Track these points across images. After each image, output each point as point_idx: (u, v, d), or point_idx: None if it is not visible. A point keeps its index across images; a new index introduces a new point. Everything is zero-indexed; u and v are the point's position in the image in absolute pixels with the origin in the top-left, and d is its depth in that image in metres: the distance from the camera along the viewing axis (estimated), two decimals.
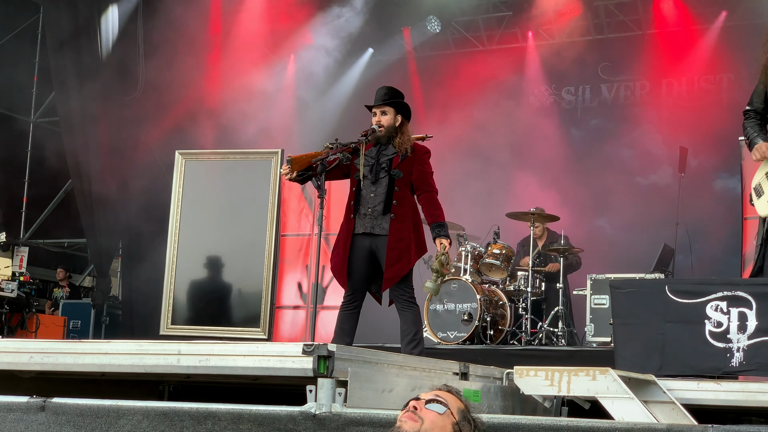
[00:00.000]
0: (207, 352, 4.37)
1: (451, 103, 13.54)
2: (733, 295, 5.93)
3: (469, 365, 5.08)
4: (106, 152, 13.02)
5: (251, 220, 11.11)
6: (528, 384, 5.07)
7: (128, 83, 13.14)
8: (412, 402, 3.25)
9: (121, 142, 13.23)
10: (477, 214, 12.33)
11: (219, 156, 11.76)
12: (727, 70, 12.80)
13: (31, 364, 4.77)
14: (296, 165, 6.46)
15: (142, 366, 4.49)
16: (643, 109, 13.26)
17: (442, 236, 6.55)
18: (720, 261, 11.05)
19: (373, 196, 6.57)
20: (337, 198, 7.51)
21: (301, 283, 11.12)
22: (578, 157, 13.14)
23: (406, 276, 6.52)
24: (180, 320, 11.21)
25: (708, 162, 11.90)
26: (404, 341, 6.51)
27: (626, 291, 6.45)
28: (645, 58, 13.24)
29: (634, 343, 6.23)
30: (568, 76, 13.76)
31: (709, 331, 5.93)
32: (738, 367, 5.83)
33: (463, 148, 13.51)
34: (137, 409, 4.29)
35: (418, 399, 3.27)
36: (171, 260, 11.25)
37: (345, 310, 6.65)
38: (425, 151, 6.74)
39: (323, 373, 3.96)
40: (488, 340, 9.88)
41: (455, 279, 10.04)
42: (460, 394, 3.35)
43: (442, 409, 3.25)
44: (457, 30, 14.16)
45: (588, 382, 4.89)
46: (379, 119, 6.64)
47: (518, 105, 13.73)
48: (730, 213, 10.42)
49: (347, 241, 6.58)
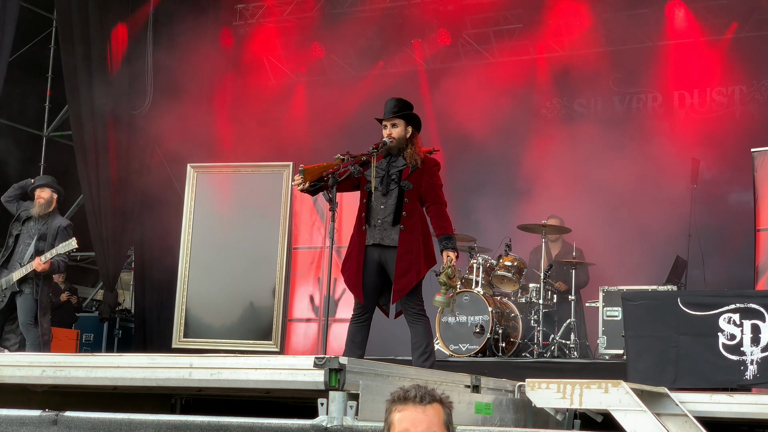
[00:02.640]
0: (219, 365, 4.37)
1: (461, 116, 13.52)
2: (746, 307, 5.92)
3: (480, 378, 5.08)
4: (115, 165, 13.04)
5: (263, 233, 11.13)
6: (540, 397, 5.06)
7: (137, 97, 13.18)
8: None
9: (131, 156, 13.25)
10: (489, 226, 12.31)
11: (230, 169, 11.79)
12: (739, 82, 12.76)
13: (43, 378, 4.79)
14: (309, 175, 6.48)
15: (154, 379, 4.50)
16: (655, 121, 13.23)
17: (449, 249, 6.55)
18: (733, 273, 11.00)
19: (383, 207, 6.58)
20: (349, 210, 7.51)
21: (313, 296, 11.11)
22: (590, 169, 13.10)
23: (415, 288, 6.51)
24: (192, 334, 11.22)
25: (721, 174, 11.86)
26: (415, 354, 6.50)
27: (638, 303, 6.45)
28: (657, 70, 13.21)
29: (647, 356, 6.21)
30: (579, 89, 13.74)
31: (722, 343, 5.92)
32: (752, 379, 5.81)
33: (474, 160, 13.50)
34: (149, 423, 4.30)
35: None
36: (183, 273, 11.27)
37: (356, 323, 6.64)
38: (435, 163, 6.75)
39: (335, 386, 3.96)
40: (500, 352, 9.86)
41: (467, 291, 10.03)
42: (444, 401, 3.26)
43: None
44: (468, 42, 14.16)
45: (600, 395, 4.88)
46: (390, 132, 6.66)
47: (530, 117, 13.71)
48: (743, 225, 10.37)
49: (360, 254, 6.58)
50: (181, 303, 11.22)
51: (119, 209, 13.12)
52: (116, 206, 13.08)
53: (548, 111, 13.93)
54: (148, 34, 13.35)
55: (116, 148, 13.09)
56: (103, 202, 12.99)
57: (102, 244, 13.08)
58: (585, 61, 13.45)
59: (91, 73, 12.96)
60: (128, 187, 13.20)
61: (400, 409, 3.11)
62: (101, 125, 12.93)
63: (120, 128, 13.10)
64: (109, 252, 13.11)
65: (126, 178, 13.17)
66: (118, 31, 13.21)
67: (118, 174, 13.09)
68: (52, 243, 9.14)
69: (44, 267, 9.02)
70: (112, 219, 13.03)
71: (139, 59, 13.30)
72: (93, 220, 13.04)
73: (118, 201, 13.09)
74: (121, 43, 13.24)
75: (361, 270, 6.54)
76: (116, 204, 13.08)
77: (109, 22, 13.15)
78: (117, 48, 13.19)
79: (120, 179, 13.12)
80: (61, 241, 9.12)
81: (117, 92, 13.03)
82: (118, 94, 13.04)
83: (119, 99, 13.06)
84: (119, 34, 13.23)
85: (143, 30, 13.36)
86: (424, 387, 3.18)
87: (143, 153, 13.43)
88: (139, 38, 13.36)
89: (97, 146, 12.91)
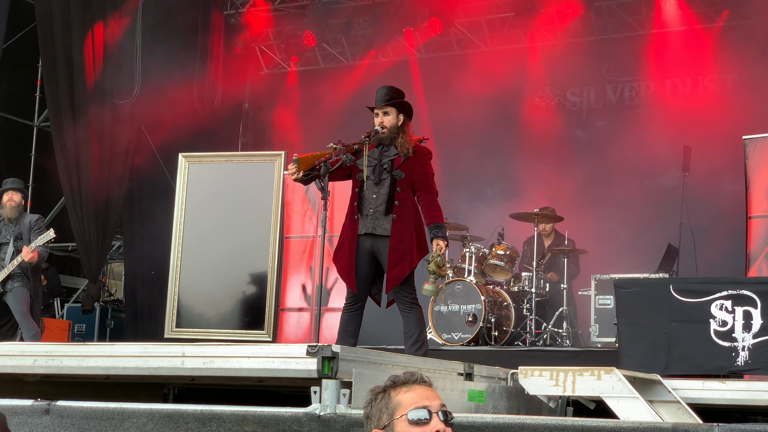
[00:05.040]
0: (211, 353, 4.37)
1: (454, 105, 13.52)
2: (738, 293, 5.93)
3: (473, 366, 5.08)
4: (97, 155, 12.95)
5: (255, 222, 11.11)
6: (533, 384, 5.07)
7: (124, 86, 13.11)
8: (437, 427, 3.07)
9: (115, 146, 13.16)
10: (481, 215, 12.32)
11: (222, 159, 11.77)
12: (731, 70, 12.77)
13: (35, 367, 4.78)
14: (302, 165, 6.47)
15: (147, 368, 4.49)
16: (648, 109, 13.23)
17: (439, 237, 6.55)
18: (725, 261, 11.02)
19: (375, 197, 6.57)
20: (341, 200, 7.50)
21: (305, 285, 11.11)
22: (583, 158, 13.11)
23: (408, 277, 6.51)
24: (184, 323, 11.20)
25: (713, 162, 11.86)
26: (408, 342, 6.51)
27: (631, 290, 6.45)
28: (649, 59, 13.20)
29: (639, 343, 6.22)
30: (572, 77, 13.73)
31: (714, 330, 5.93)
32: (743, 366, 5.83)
33: (466, 149, 13.50)
34: (142, 412, 4.29)
35: (431, 414, 3.10)
36: (175, 263, 11.24)
37: (348, 312, 6.64)
38: (427, 152, 6.74)
39: (327, 374, 3.96)
40: (493, 341, 9.87)
41: (459, 280, 10.03)
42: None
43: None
44: (460, 31, 14.14)
45: (593, 382, 4.89)
46: (381, 120, 6.65)
47: (522, 106, 13.71)
48: (734, 212, 10.38)
49: (353, 243, 6.57)
50: (173, 293, 11.20)
51: (101, 200, 13.01)
52: (98, 197, 12.96)
53: (540, 100, 13.92)
54: (137, 23, 13.28)
55: (98, 138, 12.98)
56: (84, 193, 12.88)
57: (83, 235, 13.00)
58: (577, 49, 13.44)
59: (72, 67, 12.86)
60: (111, 177, 13.10)
61: (407, 390, 3.10)
62: (83, 115, 12.82)
63: (103, 118, 13.00)
64: (91, 243, 13.04)
65: (109, 169, 13.07)
66: (102, 24, 13.10)
67: (99, 164, 12.98)
68: (29, 238, 9.33)
69: (33, 255, 9.14)
70: (94, 210, 12.94)
71: (126, 50, 13.22)
72: (73, 211, 12.95)
73: (99, 191, 12.97)
74: (105, 35, 13.14)
75: (354, 259, 6.54)
76: (98, 195, 12.96)
77: (93, 13, 13.04)
78: (100, 40, 13.09)
79: (102, 169, 13.00)
80: (36, 233, 9.33)
81: (100, 84, 12.94)
82: (102, 86, 12.96)
83: (102, 91, 12.97)
84: (104, 26, 13.13)
85: (132, 20, 13.27)
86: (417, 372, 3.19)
87: (129, 143, 13.35)
88: (127, 30, 13.27)
89: (77, 136, 12.80)
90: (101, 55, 13.07)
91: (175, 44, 13.18)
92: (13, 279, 9.26)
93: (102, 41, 13.11)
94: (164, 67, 12.94)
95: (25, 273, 9.29)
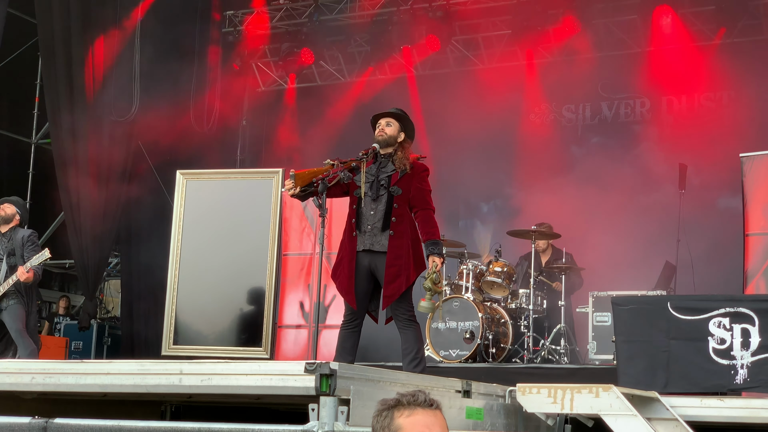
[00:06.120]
0: (209, 371, 4.36)
1: (451, 122, 13.55)
2: (736, 311, 5.93)
3: (471, 383, 5.07)
4: (95, 172, 12.95)
5: (253, 239, 11.10)
6: (531, 401, 5.06)
7: (123, 104, 13.13)
8: None
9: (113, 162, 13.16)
10: (478, 232, 12.33)
11: (220, 176, 11.77)
12: (727, 87, 12.81)
13: (33, 385, 4.77)
14: (300, 181, 6.49)
15: (144, 386, 4.48)
16: (643, 126, 13.27)
17: (435, 254, 6.55)
18: (722, 278, 11.01)
19: (372, 213, 6.58)
20: (339, 217, 7.50)
21: (303, 303, 11.09)
22: (579, 174, 13.13)
23: (405, 294, 6.51)
24: (182, 341, 11.18)
25: (709, 179, 11.89)
26: (406, 360, 6.50)
27: (628, 307, 6.45)
28: (645, 76, 13.24)
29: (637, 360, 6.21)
30: (568, 94, 13.77)
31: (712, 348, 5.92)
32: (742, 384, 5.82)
33: (463, 166, 13.52)
34: (139, 430, 4.28)
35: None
36: (172, 280, 11.23)
37: (346, 329, 6.63)
38: (424, 168, 6.75)
39: (326, 391, 3.95)
40: (490, 358, 9.86)
41: (457, 297, 10.03)
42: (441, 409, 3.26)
43: None
44: (457, 48, 14.19)
45: (591, 400, 4.88)
46: (383, 128, 6.69)
47: (519, 123, 13.74)
48: (731, 230, 10.39)
49: (352, 260, 6.57)
50: (170, 310, 11.18)
51: (99, 217, 12.99)
52: (96, 214, 12.95)
53: (537, 117, 13.96)
54: (136, 41, 13.31)
55: (97, 155, 12.97)
56: (83, 210, 12.87)
57: (81, 252, 12.98)
58: (573, 67, 13.48)
59: (72, 84, 12.87)
60: (109, 194, 13.09)
61: (409, 413, 3.06)
62: (82, 133, 12.82)
63: (102, 136, 13.01)
64: (89, 260, 13.01)
65: (107, 185, 13.06)
66: (102, 42, 13.12)
67: (98, 181, 12.97)
68: (22, 254, 9.20)
69: (28, 276, 9.03)
70: (92, 227, 12.92)
71: (125, 67, 13.24)
72: (72, 228, 12.93)
73: (97, 208, 12.96)
74: (105, 53, 13.16)
75: (353, 275, 6.54)
76: (96, 212, 12.95)
77: (92, 32, 13.06)
78: (100, 58, 13.10)
79: (100, 186, 12.99)
80: (30, 249, 9.21)
81: (99, 101, 12.95)
82: (101, 103, 12.97)
83: (101, 108, 12.98)
84: (103, 44, 13.15)
85: (130, 38, 13.30)
86: (427, 392, 3.16)
87: (127, 160, 13.35)
88: (126, 47, 13.30)
89: (77, 153, 12.80)
90: (101, 73, 13.08)
91: (173, 62, 13.21)
92: (8, 297, 9.15)
93: (102, 59, 13.13)
94: (162, 84, 12.96)
95: (20, 290, 9.21)
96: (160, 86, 12.99)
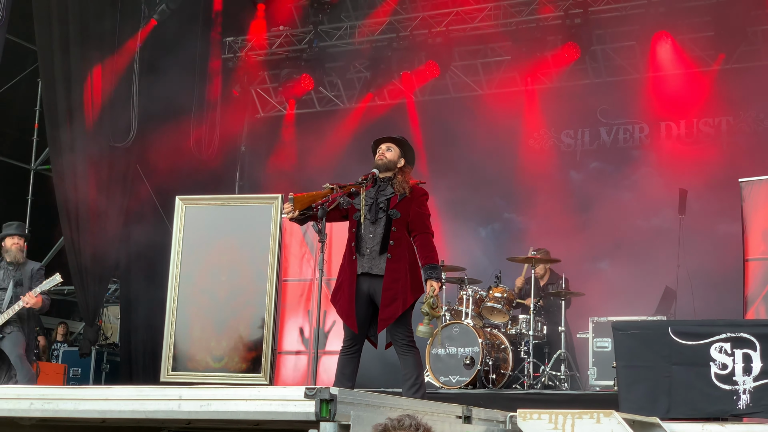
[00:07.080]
0: (208, 396, 4.34)
1: (450, 147, 13.58)
2: (737, 336, 5.91)
3: (472, 408, 5.05)
4: (95, 198, 12.95)
5: (252, 265, 11.07)
6: (532, 427, 5.03)
7: (121, 130, 13.15)
8: None
9: (113, 188, 13.16)
10: (478, 258, 12.32)
11: (219, 201, 11.76)
12: (726, 113, 12.85)
13: (31, 411, 4.74)
14: (298, 204, 6.48)
15: (143, 411, 4.46)
16: (642, 152, 13.30)
17: (433, 278, 6.53)
18: (722, 304, 11.00)
19: (371, 236, 6.57)
20: (338, 243, 7.48)
21: (302, 328, 11.07)
22: (578, 199, 13.15)
23: (403, 318, 6.48)
24: (181, 367, 11.13)
25: (709, 204, 11.90)
26: (405, 385, 6.47)
27: (629, 333, 6.43)
28: (643, 102, 13.29)
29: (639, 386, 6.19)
30: (567, 120, 13.82)
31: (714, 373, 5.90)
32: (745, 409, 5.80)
33: (462, 191, 13.53)
34: None
35: None
36: (171, 306, 11.20)
37: (345, 354, 6.60)
38: (423, 193, 6.76)
39: (326, 416, 3.93)
40: (490, 384, 9.82)
41: (457, 323, 10.01)
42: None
43: None
44: (456, 74, 14.24)
45: (592, 425, 4.86)
46: (383, 153, 6.70)
47: (518, 148, 13.77)
48: (731, 255, 10.38)
49: (352, 283, 6.55)
50: (169, 336, 11.14)
51: (98, 243, 12.99)
52: (95, 240, 12.95)
53: (536, 142, 14.00)
54: (135, 67, 13.35)
55: (96, 182, 12.98)
56: (82, 236, 12.86)
57: (81, 278, 12.96)
58: (572, 92, 13.53)
59: (72, 109, 12.89)
60: (108, 220, 13.09)
61: None
62: (81, 159, 12.84)
63: (102, 162, 13.02)
64: (89, 286, 13.00)
65: (106, 212, 13.06)
66: (101, 68, 13.16)
67: (97, 207, 12.98)
68: (30, 286, 9.34)
69: (37, 300, 9.13)
70: (91, 253, 12.91)
71: (124, 93, 13.28)
72: (71, 254, 12.92)
73: (97, 234, 12.96)
74: (104, 79, 13.19)
75: (354, 299, 6.51)
76: (95, 238, 12.94)
77: (92, 58, 13.09)
78: (99, 84, 13.13)
79: (100, 212, 12.99)
80: (37, 283, 9.33)
81: (98, 126, 12.97)
82: (100, 129, 12.99)
83: (100, 133, 13.00)
84: (102, 70, 13.18)
85: (129, 64, 13.34)
86: (415, 417, 3.15)
87: (126, 185, 13.36)
88: (124, 73, 13.34)
89: (77, 179, 12.81)
90: (99, 98, 13.10)
91: (172, 87, 13.23)
92: (9, 324, 9.25)
93: (100, 84, 13.16)
94: (161, 110, 12.99)
95: (21, 318, 9.29)
96: (159, 112, 13.01)
